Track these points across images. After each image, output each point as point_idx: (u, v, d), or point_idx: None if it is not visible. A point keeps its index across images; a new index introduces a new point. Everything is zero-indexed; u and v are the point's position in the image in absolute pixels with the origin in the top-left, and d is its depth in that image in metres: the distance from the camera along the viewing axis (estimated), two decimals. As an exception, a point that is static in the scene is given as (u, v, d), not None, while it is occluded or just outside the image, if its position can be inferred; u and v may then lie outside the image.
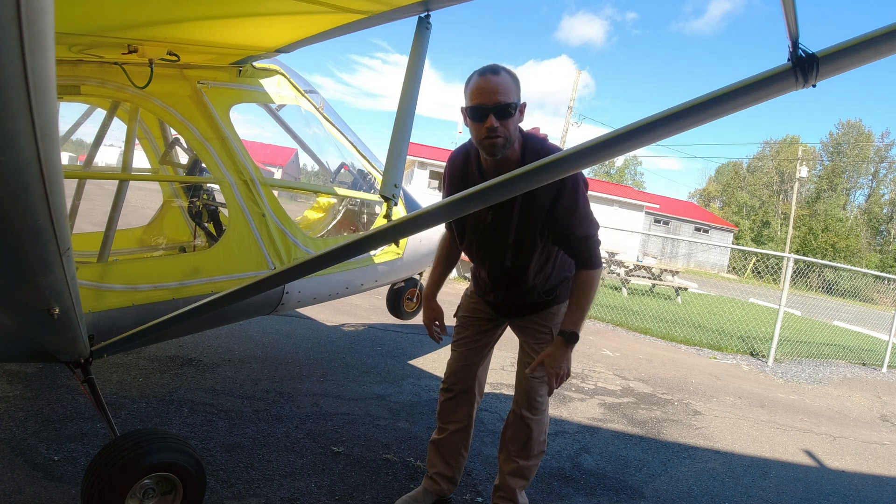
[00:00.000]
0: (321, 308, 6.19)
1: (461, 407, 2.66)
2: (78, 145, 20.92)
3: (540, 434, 2.51)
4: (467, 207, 1.57)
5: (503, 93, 1.99)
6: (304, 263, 1.91)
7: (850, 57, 1.06)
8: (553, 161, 1.34)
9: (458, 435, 2.67)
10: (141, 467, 2.01)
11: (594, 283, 2.24)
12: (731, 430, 4.75)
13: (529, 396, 2.45)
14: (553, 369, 2.19)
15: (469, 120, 2.08)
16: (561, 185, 2.09)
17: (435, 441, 2.72)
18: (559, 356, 2.19)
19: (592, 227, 2.24)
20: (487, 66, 2.05)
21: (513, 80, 2.04)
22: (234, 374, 4.06)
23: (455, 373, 2.66)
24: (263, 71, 3.28)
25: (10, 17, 0.53)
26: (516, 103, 2.03)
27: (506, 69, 2.05)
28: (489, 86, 2.00)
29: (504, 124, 2.02)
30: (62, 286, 1.32)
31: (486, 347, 2.67)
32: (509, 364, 5.57)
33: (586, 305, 2.21)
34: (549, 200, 2.13)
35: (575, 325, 2.19)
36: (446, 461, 2.69)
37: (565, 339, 2.18)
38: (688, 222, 40.80)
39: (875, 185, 54.92)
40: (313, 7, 2.02)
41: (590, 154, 1.32)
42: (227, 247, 2.98)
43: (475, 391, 2.68)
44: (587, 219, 2.22)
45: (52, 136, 0.76)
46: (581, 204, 2.17)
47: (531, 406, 2.45)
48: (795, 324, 11.65)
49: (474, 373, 2.66)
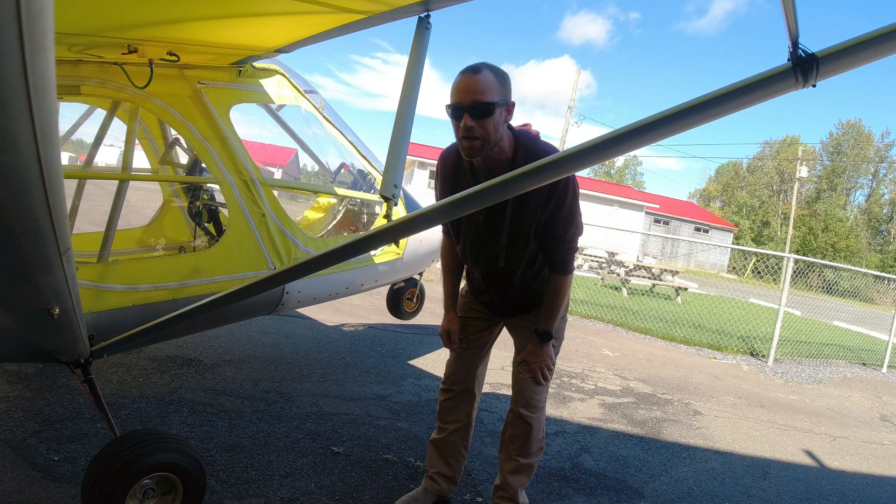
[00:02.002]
0: (321, 308, 6.19)
1: (461, 406, 2.67)
2: (78, 145, 20.90)
3: (539, 432, 2.52)
4: (466, 208, 1.56)
5: (481, 91, 1.94)
6: (304, 263, 1.91)
7: (850, 57, 1.06)
8: (553, 161, 1.34)
9: (458, 434, 2.68)
10: (141, 467, 2.01)
11: (565, 288, 2.31)
12: (731, 430, 4.75)
13: (525, 394, 2.47)
14: (535, 364, 2.38)
15: (451, 119, 2.06)
16: (554, 183, 2.08)
17: (435, 441, 2.72)
18: (538, 353, 2.37)
19: (575, 231, 2.23)
20: (473, 64, 2.01)
21: (496, 79, 1.98)
22: (234, 374, 4.06)
23: (454, 373, 2.68)
24: (263, 71, 3.28)
25: (10, 17, 0.53)
26: (496, 103, 1.96)
27: (491, 68, 2.00)
28: (467, 84, 1.96)
29: (481, 124, 1.97)
30: (62, 286, 1.32)
31: (484, 347, 2.68)
32: (508, 364, 5.57)
33: (556, 309, 2.32)
34: (542, 199, 2.12)
35: (548, 326, 2.34)
36: (446, 461, 2.69)
37: (539, 338, 2.36)
38: (688, 222, 40.81)
39: (875, 185, 54.98)
40: (313, 7, 2.02)
41: (590, 154, 1.31)
42: (227, 247, 2.98)
43: (475, 391, 2.69)
44: (571, 222, 2.21)
45: (52, 136, 0.75)
46: (568, 205, 2.16)
47: (528, 404, 2.47)
48: (795, 324, 11.65)
49: (473, 372, 2.67)
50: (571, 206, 2.18)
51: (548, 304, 2.32)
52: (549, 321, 2.33)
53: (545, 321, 2.34)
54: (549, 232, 2.20)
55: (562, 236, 2.21)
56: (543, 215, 2.15)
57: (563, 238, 2.22)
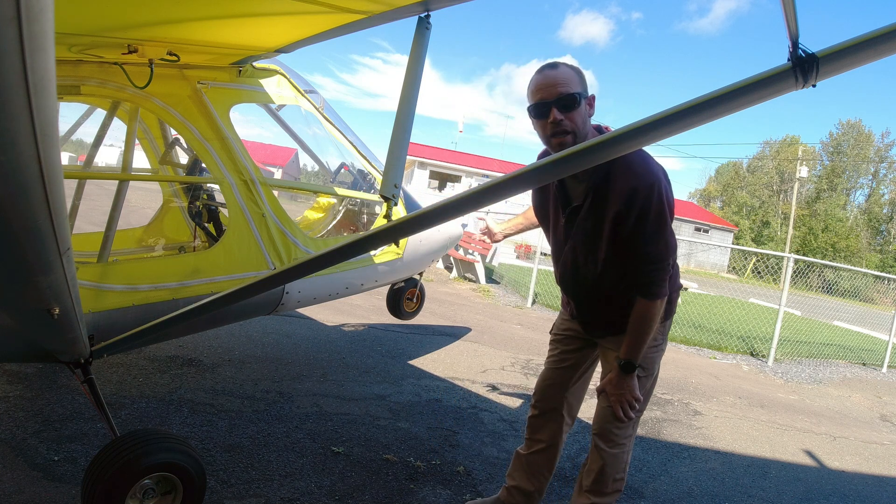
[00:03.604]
0: (321, 308, 6.19)
1: (547, 426, 2.53)
2: (78, 145, 20.92)
3: (615, 471, 2.31)
4: (468, 207, 1.56)
5: (563, 83, 1.90)
6: (304, 263, 1.91)
7: (850, 57, 1.06)
8: (553, 161, 1.34)
9: (542, 455, 2.54)
10: (141, 467, 2.01)
11: (652, 315, 2.04)
12: (731, 430, 4.75)
13: (602, 426, 2.28)
14: (613, 396, 2.15)
15: (535, 121, 2.00)
16: (633, 193, 1.94)
17: (520, 453, 2.61)
18: (618, 384, 2.13)
19: (663, 250, 2.00)
20: (547, 62, 1.97)
21: (574, 72, 1.94)
22: (234, 374, 4.06)
23: (540, 391, 2.56)
24: (263, 71, 3.28)
25: (10, 17, 0.53)
26: (581, 93, 1.92)
27: (566, 63, 1.97)
28: (547, 80, 1.92)
29: (569, 117, 1.92)
30: (62, 286, 1.32)
31: (574, 368, 2.49)
32: (509, 364, 5.57)
33: (641, 337, 2.07)
34: (619, 207, 1.97)
35: (629, 355, 2.09)
36: (527, 477, 2.56)
37: (621, 368, 2.12)
38: (688, 222, 40.79)
39: (875, 185, 54.97)
40: (313, 7, 2.02)
41: (590, 154, 1.31)
42: (227, 247, 2.98)
43: (563, 412, 2.51)
44: (657, 238, 1.99)
45: (52, 136, 0.75)
46: (654, 218, 1.96)
47: (604, 436, 2.28)
48: (795, 324, 11.65)
49: (561, 393, 2.50)
50: (658, 219, 1.96)
51: (630, 331, 2.08)
52: (632, 350, 2.09)
53: (627, 349, 2.10)
54: (632, 248, 2.01)
55: (646, 254, 2.00)
56: (623, 227, 1.99)
57: (647, 256, 2.00)
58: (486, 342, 6.37)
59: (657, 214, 1.96)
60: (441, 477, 3.05)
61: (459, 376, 4.88)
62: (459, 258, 11.65)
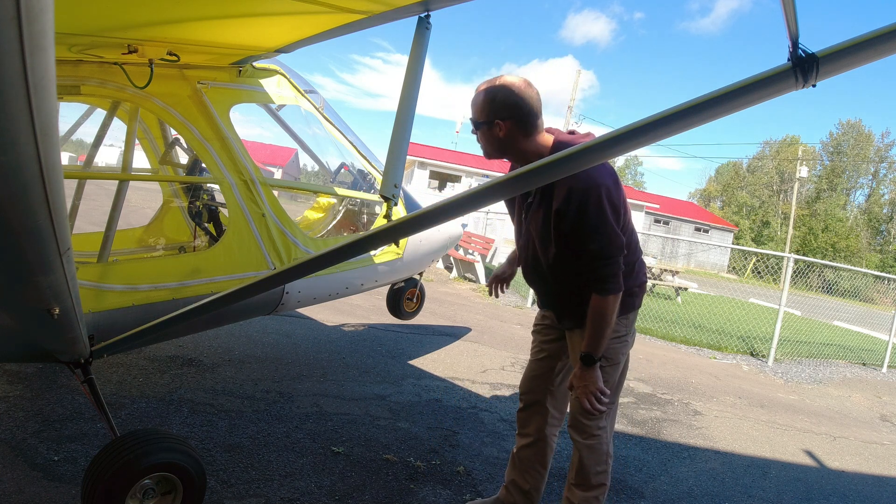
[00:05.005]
0: (321, 308, 6.19)
1: (532, 419, 2.55)
2: (78, 145, 20.90)
3: (594, 463, 2.34)
4: (468, 207, 1.57)
5: (472, 109, 2.15)
6: (304, 263, 1.91)
7: (850, 57, 1.06)
8: (552, 162, 1.34)
9: (531, 450, 2.56)
10: (141, 467, 2.01)
11: (606, 310, 2.09)
12: (731, 430, 4.75)
13: (574, 417, 2.34)
14: (580, 389, 2.19)
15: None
16: (569, 193, 2.01)
17: (513, 452, 2.65)
18: (581, 376, 2.18)
19: (607, 245, 2.05)
20: (485, 81, 2.18)
21: (484, 100, 2.09)
22: (234, 374, 4.06)
23: (524, 383, 2.61)
24: (263, 71, 3.28)
25: (10, 17, 0.53)
26: (479, 122, 2.13)
27: (486, 89, 2.09)
28: (470, 102, 2.18)
29: (479, 137, 2.18)
30: (62, 286, 1.32)
31: (554, 359, 2.52)
32: (509, 364, 5.57)
33: (598, 331, 2.11)
34: (558, 205, 2.05)
35: (588, 348, 2.14)
36: (521, 473, 2.59)
37: (581, 360, 2.16)
38: (688, 222, 40.82)
39: (875, 185, 55.00)
40: (313, 7, 2.02)
41: (590, 154, 1.32)
42: (227, 247, 2.98)
43: (547, 405, 2.53)
44: (598, 233, 2.04)
45: (52, 136, 0.75)
46: (593, 214, 2.02)
47: (577, 428, 2.34)
48: (795, 324, 11.64)
49: (544, 385, 2.53)
50: (599, 218, 2.02)
51: (588, 326, 2.14)
52: (591, 344, 2.13)
53: (586, 343, 2.15)
54: (575, 245, 2.09)
55: (590, 251, 2.06)
56: (563, 224, 2.06)
57: (592, 253, 2.06)
58: (486, 342, 6.37)
59: (597, 214, 2.03)
60: (441, 477, 3.05)
61: (459, 376, 4.88)
62: (459, 258, 11.66)
